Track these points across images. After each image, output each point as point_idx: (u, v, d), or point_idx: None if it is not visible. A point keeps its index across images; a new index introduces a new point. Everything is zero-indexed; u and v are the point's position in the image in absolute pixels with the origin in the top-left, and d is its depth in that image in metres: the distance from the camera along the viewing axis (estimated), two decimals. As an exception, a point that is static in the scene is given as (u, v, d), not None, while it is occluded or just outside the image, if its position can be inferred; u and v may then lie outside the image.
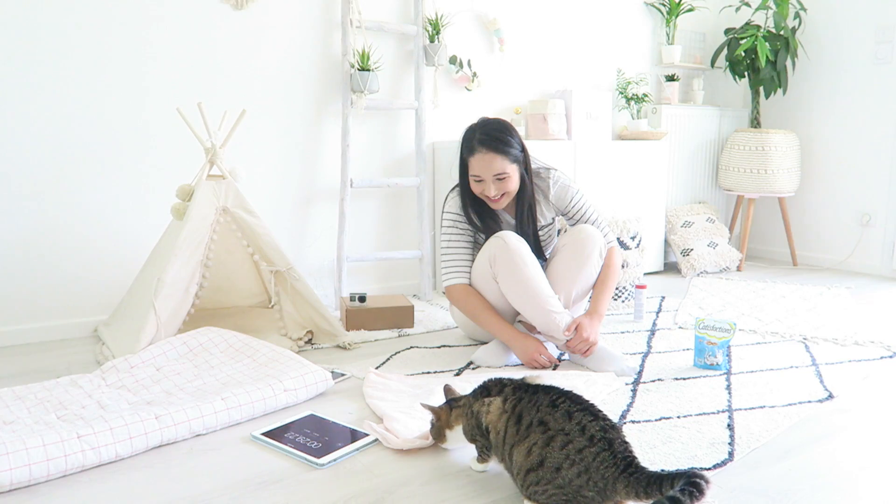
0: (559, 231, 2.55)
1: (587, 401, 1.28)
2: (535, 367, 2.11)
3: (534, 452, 1.23)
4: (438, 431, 1.52)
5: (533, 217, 2.27)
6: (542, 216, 2.33)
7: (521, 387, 1.39)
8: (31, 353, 2.40)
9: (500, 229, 2.28)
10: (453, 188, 2.32)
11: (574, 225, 2.36)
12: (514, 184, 2.16)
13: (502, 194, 2.16)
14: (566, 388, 1.33)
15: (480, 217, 2.26)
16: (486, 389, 1.46)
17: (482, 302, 2.21)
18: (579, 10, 3.77)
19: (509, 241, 2.14)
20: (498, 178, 2.12)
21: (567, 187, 2.32)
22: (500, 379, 1.47)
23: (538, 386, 1.36)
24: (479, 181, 2.15)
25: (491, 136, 2.12)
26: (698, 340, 2.18)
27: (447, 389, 1.57)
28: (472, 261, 2.27)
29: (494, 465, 1.46)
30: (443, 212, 2.32)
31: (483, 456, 1.44)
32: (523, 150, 2.19)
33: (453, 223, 2.28)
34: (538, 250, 2.31)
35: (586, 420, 1.21)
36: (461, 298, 2.24)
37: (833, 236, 4.05)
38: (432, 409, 1.52)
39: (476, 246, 2.33)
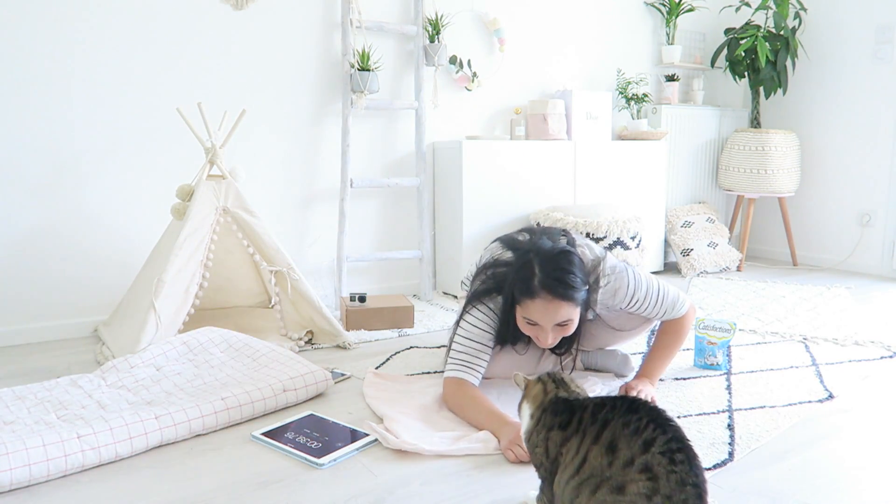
0: None
1: (700, 465, 1.04)
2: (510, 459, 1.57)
3: None
4: (518, 406, 1.33)
5: (572, 342, 1.89)
6: (589, 315, 1.89)
7: (607, 403, 1.14)
8: (31, 353, 2.40)
9: (526, 349, 1.94)
10: (487, 280, 1.83)
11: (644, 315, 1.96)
12: (574, 327, 1.74)
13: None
14: (676, 426, 1.08)
15: (503, 335, 1.86)
16: (566, 403, 1.20)
17: (477, 393, 1.78)
18: (579, 10, 3.77)
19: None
20: (560, 325, 1.71)
21: (615, 293, 1.85)
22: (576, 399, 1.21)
23: (636, 403, 1.11)
24: (534, 325, 1.72)
25: (557, 278, 1.65)
26: (698, 340, 2.18)
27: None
28: (486, 363, 1.86)
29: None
30: (474, 302, 1.84)
31: (543, 493, 1.21)
32: (585, 282, 1.72)
33: (485, 329, 1.83)
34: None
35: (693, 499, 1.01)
36: (454, 393, 1.79)
37: (833, 236, 4.04)
38: (524, 378, 1.34)
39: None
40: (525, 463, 1.51)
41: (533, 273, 1.67)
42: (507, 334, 1.84)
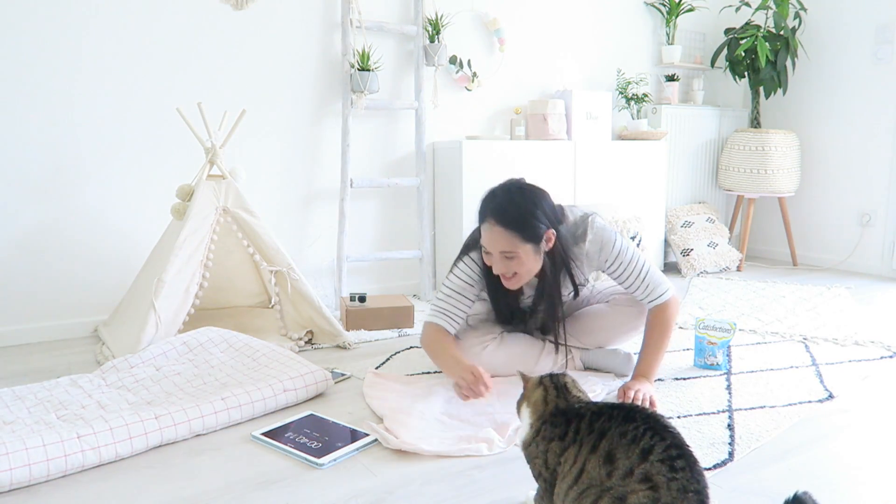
0: None
1: (700, 471, 1.03)
2: (464, 388, 1.75)
3: None
4: (518, 404, 1.30)
5: (554, 306, 1.94)
6: (580, 279, 1.98)
7: (604, 411, 1.13)
8: (31, 353, 2.40)
9: (513, 307, 2.01)
10: (472, 235, 1.98)
11: (625, 288, 2.00)
12: (526, 266, 1.81)
13: (513, 274, 1.83)
14: (674, 432, 1.07)
15: (493, 290, 1.95)
16: (563, 414, 1.18)
17: (448, 341, 1.93)
18: (579, 10, 3.77)
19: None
20: (505, 255, 1.80)
21: (601, 247, 1.91)
22: (576, 407, 1.20)
23: (633, 411, 1.10)
24: (487, 254, 1.84)
25: (505, 208, 1.77)
26: (698, 340, 2.18)
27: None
28: (465, 315, 1.99)
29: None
30: (462, 255, 1.98)
31: (543, 498, 1.19)
32: (551, 226, 1.81)
33: (467, 281, 1.95)
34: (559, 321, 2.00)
35: None
36: (429, 335, 1.96)
37: (833, 236, 4.04)
38: (524, 375, 1.32)
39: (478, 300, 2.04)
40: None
41: (491, 202, 1.81)
42: (499, 300, 1.96)
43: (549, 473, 1.16)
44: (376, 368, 2.18)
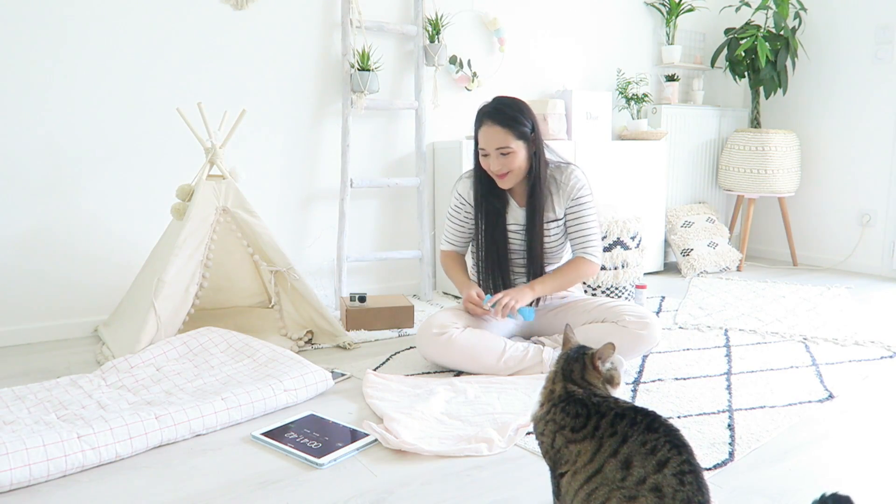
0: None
1: (706, 486, 1.06)
2: (468, 310, 2.20)
3: None
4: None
5: (539, 205, 2.18)
6: (552, 210, 2.21)
7: (627, 414, 1.13)
8: (31, 353, 2.40)
9: (505, 213, 2.22)
10: (469, 170, 2.30)
11: (568, 235, 2.26)
12: (518, 161, 2.10)
13: (507, 172, 2.11)
14: (690, 449, 1.08)
15: (487, 198, 2.20)
16: (582, 404, 1.17)
17: (455, 263, 2.34)
18: (579, 10, 3.77)
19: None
20: (501, 152, 2.08)
21: (574, 185, 2.19)
22: (595, 399, 1.18)
23: (656, 420, 1.11)
24: (485, 155, 2.12)
25: (499, 109, 2.11)
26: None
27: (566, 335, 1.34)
28: (464, 237, 2.34)
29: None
30: (454, 188, 2.32)
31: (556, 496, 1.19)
32: (534, 130, 2.13)
33: (459, 206, 2.30)
34: (537, 249, 2.21)
35: None
36: (443, 260, 2.39)
37: (833, 236, 4.04)
38: (567, 335, 1.32)
39: (471, 231, 2.30)
40: (535, 454, 1.51)
41: (485, 109, 2.14)
42: (483, 199, 2.21)
43: (555, 453, 1.17)
44: (375, 369, 2.18)
